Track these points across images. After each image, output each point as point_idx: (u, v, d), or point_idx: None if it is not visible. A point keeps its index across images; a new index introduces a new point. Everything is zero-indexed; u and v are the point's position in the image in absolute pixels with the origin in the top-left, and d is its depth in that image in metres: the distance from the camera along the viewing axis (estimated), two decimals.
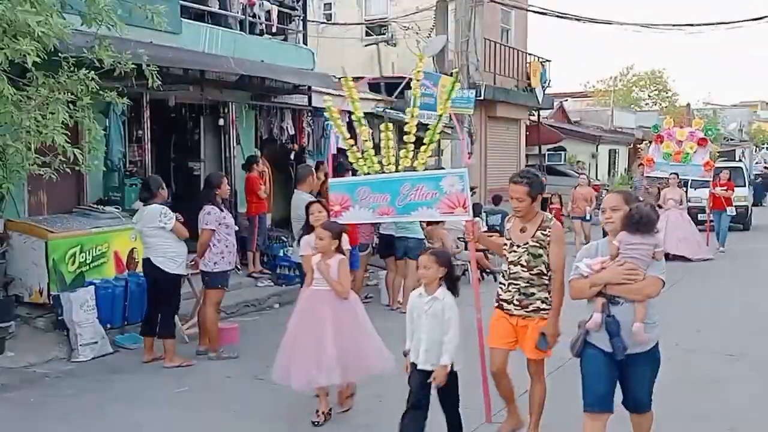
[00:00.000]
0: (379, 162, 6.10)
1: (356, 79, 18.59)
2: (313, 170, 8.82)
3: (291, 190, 12.81)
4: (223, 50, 11.10)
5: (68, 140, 6.61)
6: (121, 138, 9.76)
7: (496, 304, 5.26)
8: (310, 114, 13.44)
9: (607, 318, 4.29)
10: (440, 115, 6.22)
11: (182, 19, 10.55)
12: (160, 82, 7.64)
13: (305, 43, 13.78)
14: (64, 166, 7.00)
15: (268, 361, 7.42)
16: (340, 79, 6.37)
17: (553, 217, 5.27)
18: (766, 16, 19.24)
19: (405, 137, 6.02)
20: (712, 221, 16.47)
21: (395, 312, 9.90)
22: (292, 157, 13.25)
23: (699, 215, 17.20)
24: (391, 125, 6.27)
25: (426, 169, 6.15)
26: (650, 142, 17.30)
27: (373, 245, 10.76)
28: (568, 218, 15.74)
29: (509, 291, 5.16)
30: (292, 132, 13.07)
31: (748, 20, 19.83)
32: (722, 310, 9.91)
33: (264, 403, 6.24)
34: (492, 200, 15.82)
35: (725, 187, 16.62)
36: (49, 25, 6.09)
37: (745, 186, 21.25)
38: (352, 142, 6.21)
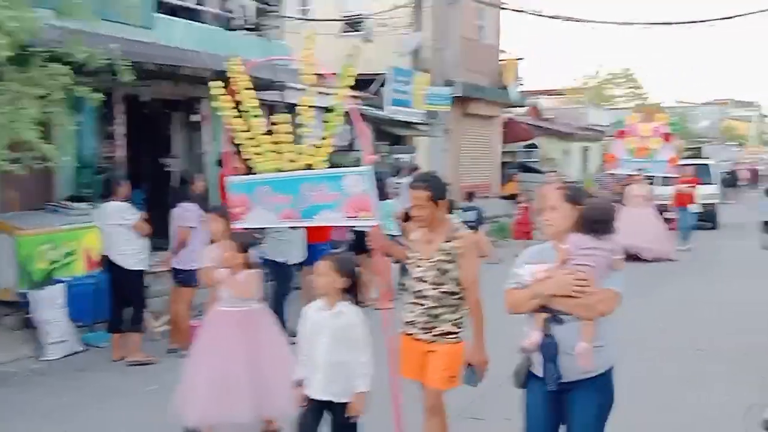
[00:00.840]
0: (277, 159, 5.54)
1: (331, 75, 18.48)
2: None
3: None
4: (197, 45, 11.01)
5: (39, 136, 6.53)
6: (93, 134, 9.66)
7: (401, 329, 4.62)
8: (285, 110, 13.37)
9: (545, 338, 3.61)
10: (336, 105, 5.61)
11: (156, 13, 10.45)
12: (133, 78, 7.57)
13: (281, 38, 13.71)
14: (35, 162, 6.91)
15: None
16: (235, 63, 5.78)
17: (462, 225, 4.66)
18: (737, 16, 19.56)
19: (300, 130, 5.55)
20: (676, 218, 16.20)
21: (368, 308, 9.90)
22: None
23: (664, 213, 16.64)
24: (288, 116, 5.63)
25: (333, 166, 5.55)
26: (613, 138, 17.02)
27: (348, 242, 10.76)
28: (537, 216, 15.79)
29: (414, 312, 4.52)
30: (266, 128, 12.99)
31: (719, 19, 20.07)
32: (689, 305, 10.06)
33: None
34: (466, 196, 15.88)
35: (689, 184, 16.38)
36: (21, 20, 6.01)
37: (712, 183, 20.98)
38: (246, 135, 5.61)
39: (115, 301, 7.52)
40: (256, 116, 5.59)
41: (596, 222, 3.59)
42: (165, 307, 8.75)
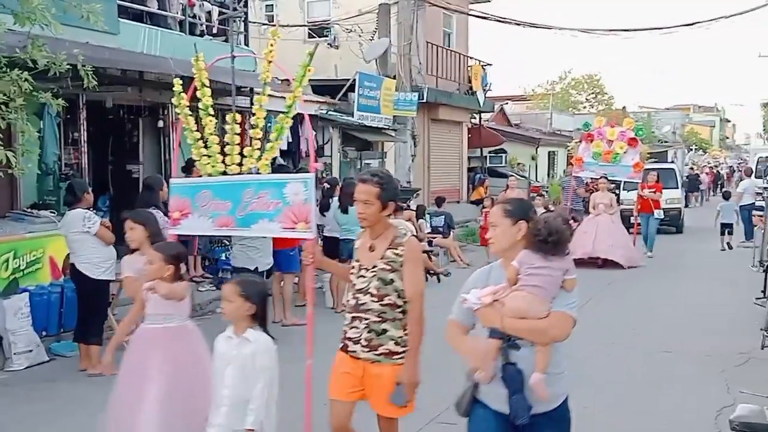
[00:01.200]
0: (223, 162, 5.21)
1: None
2: None
3: None
4: (162, 51, 10.92)
5: (0, 143, 6.41)
6: (56, 140, 9.51)
7: (341, 345, 4.14)
8: (251, 116, 13.29)
9: (507, 367, 3.26)
10: (289, 105, 5.32)
11: (120, 19, 10.34)
12: (96, 83, 7.46)
13: (247, 44, 13.65)
14: None
15: None
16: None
17: (409, 231, 4.21)
18: (697, 23, 19.88)
19: (252, 131, 5.26)
20: (639, 224, 16.02)
21: (340, 314, 9.89)
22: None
23: (631, 218, 16.47)
24: (238, 116, 5.39)
25: (276, 171, 5.37)
26: (580, 141, 16.48)
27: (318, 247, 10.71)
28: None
29: (356, 327, 4.04)
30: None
31: (681, 26, 20.37)
32: (655, 309, 10.17)
33: None
34: (435, 202, 15.93)
35: (653, 189, 16.02)
36: None
37: (677, 188, 20.90)
38: (197, 135, 5.26)
39: (82, 310, 7.38)
40: (209, 116, 5.31)
41: (546, 239, 3.27)
42: None
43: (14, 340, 7.38)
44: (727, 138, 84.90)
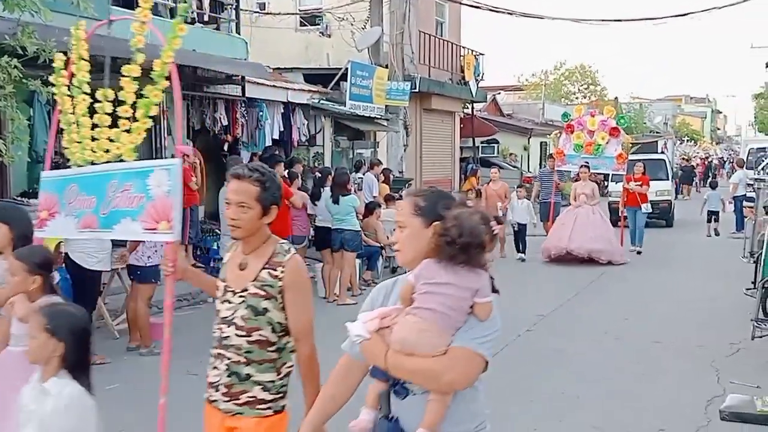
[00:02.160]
0: (92, 149, 4.24)
1: (290, 70, 18.44)
2: (243, 162, 8.68)
3: (224, 182, 12.67)
4: (153, 39, 10.82)
5: None
6: (46, 128, 9.44)
7: (206, 394, 3.31)
8: (243, 104, 13.27)
9: (381, 422, 2.46)
10: (159, 74, 4.24)
11: (111, 6, 10.25)
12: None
13: (238, 32, 13.57)
14: None
15: (202, 356, 7.32)
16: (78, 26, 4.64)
17: (293, 247, 3.22)
18: (689, 13, 19.91)
19: (120, 109, 4.20)
20: (626, 218, 15.20)
21: (332, 304, 9.90)
22: (225, 148, 13.08)
23: (620, 211, 15.76)
24: (110, 92, 4.34)
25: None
26: (561, 133, 15.57)
27: (310, 238, 10.71)
28: None
29: (217, 369, 3.17)
30: (225, 123, 12.88)
31: (672, 16, 20.41)
32: (646, 301, 10.21)
33: (197, 398, 6.13)
34: None
35: (639, 182, 15.02)
36: None
37: (667, 179, 20.17)
38: (72, 118, 4.44)
39: (75, 300, 7.35)
40: (84, 94, 4.40)
41: (455, 241, 2.34)
42: (123, 305, 8.62)
43: None
44: (719, 129, 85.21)
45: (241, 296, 3.08)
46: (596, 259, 12.93)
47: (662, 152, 22.94)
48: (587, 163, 14.13)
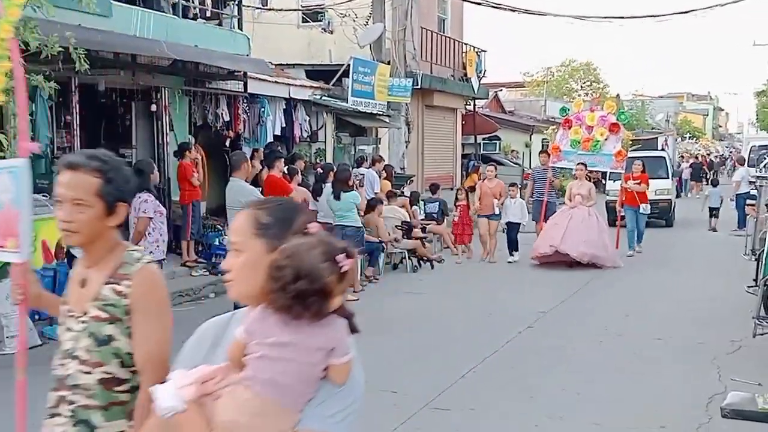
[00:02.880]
0: None
1: (292, 66, 18.40)
2: (248, 157, 8.67)
3: (226, 177, 12.67)
4: (155, 34, 10.83)
5: None
6: (48, 123, 9.45)
7: None
8: (245, 100, 13.27)
9: None
10: None
11: (113, 2, 10.24)
12: (88, 66, 7.41)
13: (240, 28, 13.57)
14: None
15: None
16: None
17: (147, 255, 2.53)
18: (691, 11, 19.87)
19: None
20: (624, 218, 14.36)
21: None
22: (227, 144, 13.09)
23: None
24: None
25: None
26: (558, 128, 14.77)
27: None
28: (476, 217, 13.72)
29: (59, 415, 2.45)
30: (227, 119, 12.89)
31: (675, 14, 20.36)
32: (647, 298, 10.20)
33: None
34: (429, 188, 15.91)
35: (638, 181, 14.33)
36: None
37: (668, 177, 19.53)
38: None
39: None
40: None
41: (286, 288, 1.73)
42: None
43: (6, 323, 7.37)
44: (720, 127, 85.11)
45: (82, 322, 2.40)
46: (587, 263, 12.16)
47: (662, 149, 22.35)
48: (584, 161, 13.41)
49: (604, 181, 20.53)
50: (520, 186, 15.15)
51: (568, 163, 14.02)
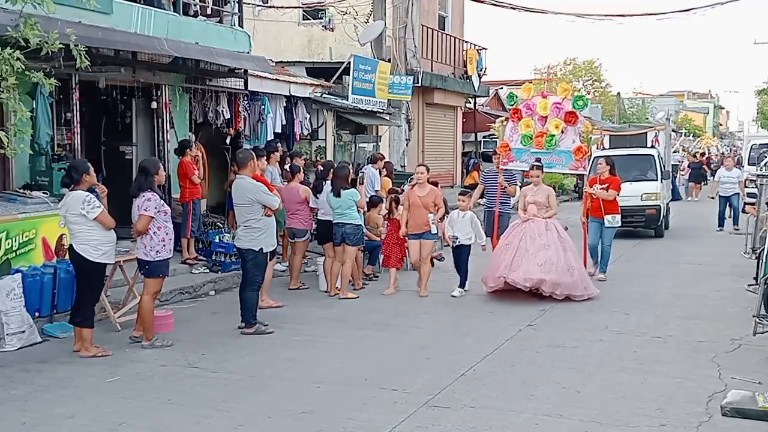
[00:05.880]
0: None
1: (293, 63, 18.45)
2: (254, 154, 8.64)
3: (226, 175, 12.69)
4: (155, 31, 10.83)
5: None
6: (48, 120, 9.44)
7: None
8: (246, 98, 13.27)
9: None
10: None
11: None
12: (89, 63, 7.40)
13: (241, 25, 13.57)
14: None
15: (203, 349, 7.36)
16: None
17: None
18: (692, 9, 19.86)
19: None
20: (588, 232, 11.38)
21: (333, 298, 9.90)
22: (228, 141, 13.09)
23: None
24: None
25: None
26: (506, 120, 11.85)
27: (312, 231, 10.70)
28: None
29: None
30: (228, 116, 12.89)
31: (676, 11, 20.35)
32: (647, 295, 10.19)
33: (199, 390, 6.16)
34: None
35: (605, 185, 11.18)
36: None
37: (657, 179, 16.30)
38: None
39: (80, 291, 7.36)
40: None
41: None
42: (126, 298, 8.63)
43: (6, 320, 7.36)
44: (721, 125, 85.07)
45: None
46: (549, 294, 9.42)
47: (652, 146, 18.62)
48: (539, 161, 10.72)
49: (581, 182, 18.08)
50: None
51: (521, 164, 11.31)
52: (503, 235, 10.27)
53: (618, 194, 11.28)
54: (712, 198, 17.74)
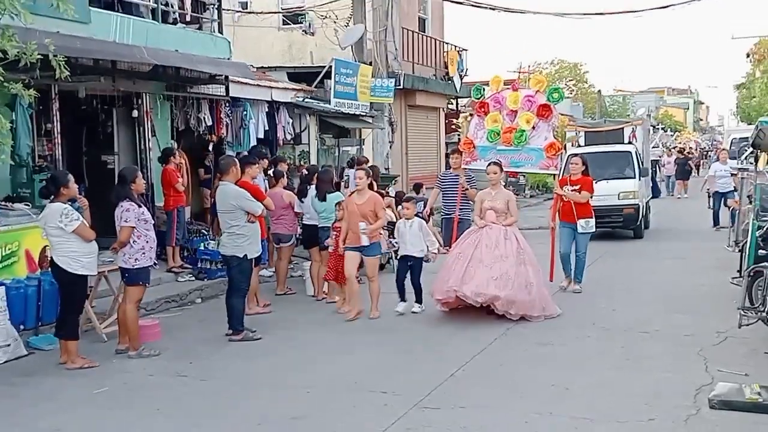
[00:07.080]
0: None
1: (274, 68, 18.40)
2: (236, 160, 8.61)
3: (209, 182, 12.65)
4: (135, 40, 10.78)
5: None
6: (29, 131, 9.38)
7: None
8: (228, 104, 13.22)
9: None
10: None
11: (91, 7, 10.18)
12: (68, 73, 7.35)
13: (221, 32, 13.52)
14: None
15: (191, 357, 7.32)
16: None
17: None
18: (670, 5, 19.98)
19: None
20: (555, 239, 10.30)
21: (321, 302, 9.88)
22: (210, 148, 13.04)
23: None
24: None
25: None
26: (471, 115, 11.11)
27: (297, 236, 10.68)
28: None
29: None
30: (209, 123, 12.84)
31: (653, 9, 20.50)
32: (634, 289, 10.25)
33: (188, 399, 6.13)
34: (413, 188, 15.93)
35: (577, 185, 10.08)
36: None
37: (635, 177, 15.71)
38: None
39: (62, 303, 7.30)
40: None
41: None
42: (110, 308, 8.57)
43: None
44: (701, 120, 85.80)
45: None
46: (502, 313, 8.34)
47: (630, 142, 17.62)
48: (498, 160, 9.61)
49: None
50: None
51: (485, 162, 9.87)
52: (456, 243, 9.24)
53: (591, 196, 10.12)
54: (707, 192, 17.10)
